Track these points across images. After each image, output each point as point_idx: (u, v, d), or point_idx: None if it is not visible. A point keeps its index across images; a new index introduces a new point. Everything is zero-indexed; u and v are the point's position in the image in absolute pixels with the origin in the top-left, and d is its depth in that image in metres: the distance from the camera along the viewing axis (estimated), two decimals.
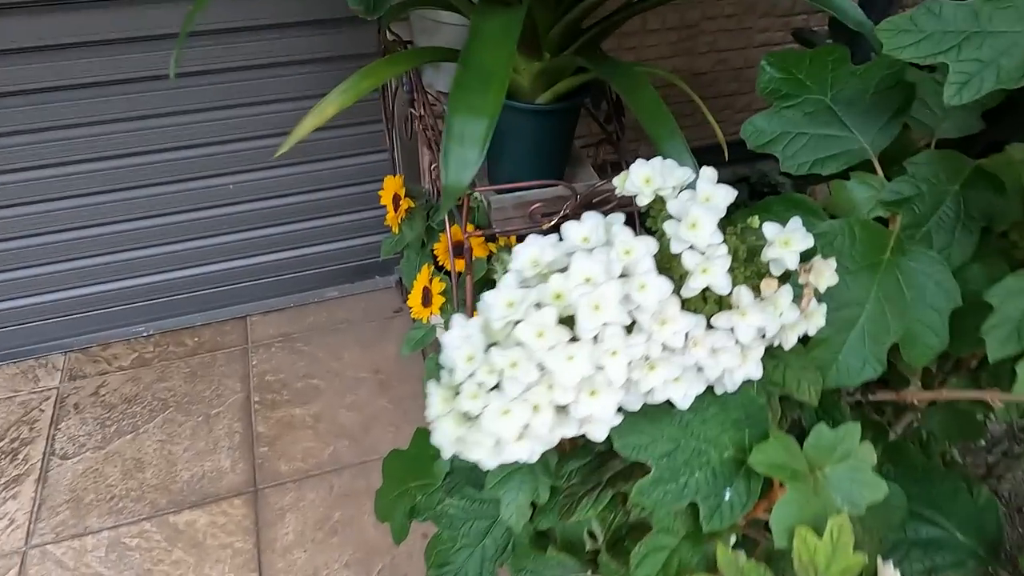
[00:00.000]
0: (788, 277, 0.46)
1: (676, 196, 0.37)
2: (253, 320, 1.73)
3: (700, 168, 0.50)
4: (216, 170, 1.52)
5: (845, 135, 0.57)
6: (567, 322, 0.34)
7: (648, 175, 0.38)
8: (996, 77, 0.43)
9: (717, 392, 0.42)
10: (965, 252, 0.54)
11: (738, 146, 0.64)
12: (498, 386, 0.33)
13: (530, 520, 0.68)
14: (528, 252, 0.34)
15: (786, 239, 0.37)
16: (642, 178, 0.39)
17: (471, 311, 0.92)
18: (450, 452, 0.35)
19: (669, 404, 0.40)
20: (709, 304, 0.38)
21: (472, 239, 0.94)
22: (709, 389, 0.42)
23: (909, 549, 0.56)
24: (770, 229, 0.38)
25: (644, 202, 0.39)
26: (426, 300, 1.11)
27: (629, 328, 0.34)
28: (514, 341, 0.33)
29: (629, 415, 0.43)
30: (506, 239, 1.05)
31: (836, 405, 0.61)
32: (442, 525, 0.69)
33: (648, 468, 0.44)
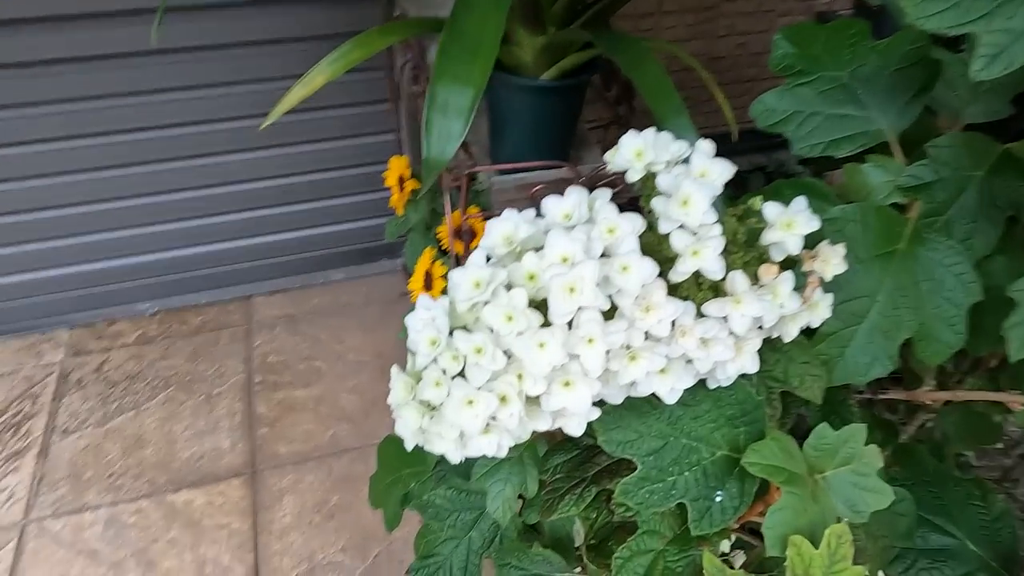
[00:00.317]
0: (793, 265, 0.43)
1: (669, 171, 0.34)
2: (257, 300, 1.72)
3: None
4: (222, 148, 1.50)
5: (862, 115, 0.53)
6: (542, 307, 0.31)
7: (640, 148, 0.35)
8: None
9: (710, 386, 0.39)
10: (988, 243, 0.50)
11: (755, 134, 0.60)
12: (462, 373, 0.30)
13: (518, 513, 0.65)
14: (501, 228, 0.31)
15: (788, 221, 0.34)
16: (633, 151, 0.35)
17: None
18: (412, 443, 0.32)
19: (657, 398, 0.37)
20: (703, 291, 0.35)
21: (473, 221, 0.91)
22: (701, 383, 0.39)
23: (916, 558, 0.52)
24: (771, 210, 0.34)
25: (635, 178, 0.36)
26: (428, 284, 1.08)
27: (610, 314, 0.31)
28: (482, 325, 0.30)
29: (613, 408, 0.40)
30: None
31: (844, 403, 0.58)
32: (428, 515, 0.66)
33: (635, 465, 0.41)
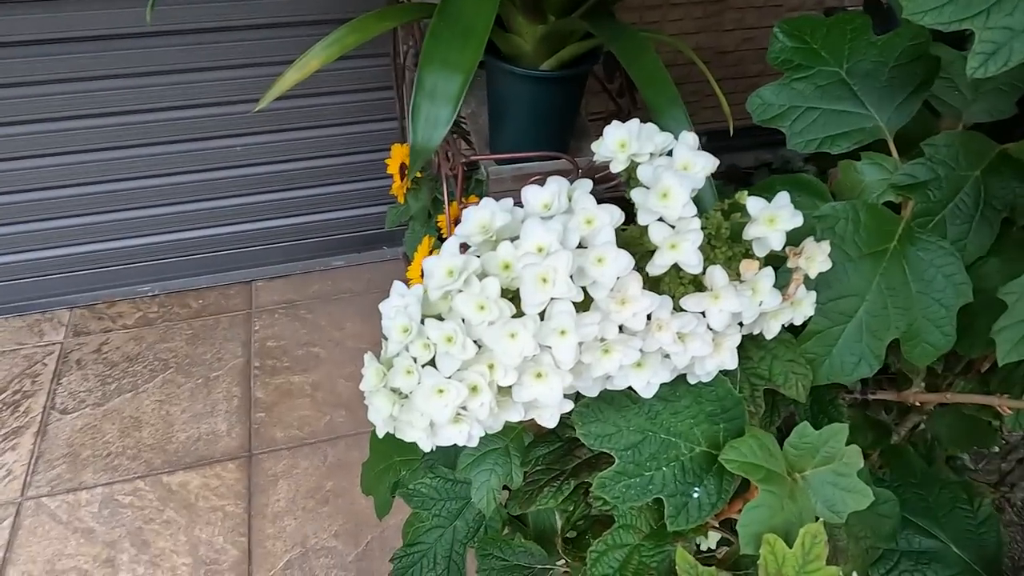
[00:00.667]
0: (779, 262, 0.42)
1: (651, 163, 0.34)
2: (258, 285, 1.72)
3: (702, 147, 0.46)
4: (225, 131, 1.50)
5: (859, 111, 0.53)
6: (516, 297, 0.30)
7: (623, 139, 0.35)
8: None
9: (691, 382, 0.39)
10: (982, 245, 0.49)
11: (761, 130, 0.59)
12: (433, 362, 0.30)
13: (503, 504, 0.65)
14: (478, 216, 0.31)
15: (771, 216, 0.33)
16: (616, 142, 0.35)
17: None
18: (384, 430, 0.32)
19: (636, 392, 0.37)
20: (684, 285, 0.35)
21: None
22: (682, 379, 0.39)
23: (899, 560, 0.52)
24: (754, 205, 0.34)
25: (618, 168, 0.35)
26: None
27: (586, 306, 0.31)
28: (455, 314, 0.30)
29: (593, 401, 0.40)
30: None
31: (832, 403, 0.57)
32: (414, 504, 0.66)
33: (614, 459, 0.41)
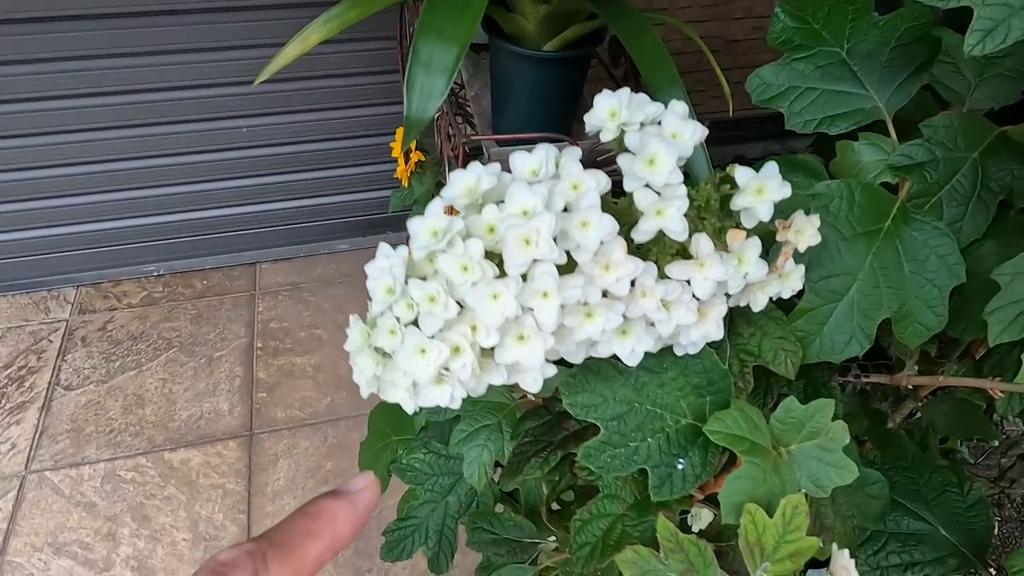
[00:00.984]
0: (773, 241, 0.42)
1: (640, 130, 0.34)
2: (263, 267, 1.73)
3: (707, 130, 0.46)
4: (231, 112, 1.50)
5: (859, 92, 0.52)
6: (501, 261, 0.30)
7: (614, 108, 0.35)
8: None
9: (677, 353, 0.39)
10: (978, 227, 0.49)
11: (767, 122, 0.59)
12: (416, 323, 0.30)
13: (495, 480, 0.65)
14: (463, 179, 0.31)
15: (759, 187, 0.33)
16: (607, 111, 0.35)
17: None
18: (367, 391, 0.32)
19: (624, 363, 0.37)
20: (671, 254, 0.35)
21: None
22: (669, 350, 0.39)
23: (887, 541, 0.52)
24: (742, 174, 0.34)
25: (608, 137, 0.35)
26: None
27: (570, 271, 0.31)
28: (439, 275, 0.30)
29: (579, 372, 0.40)
30: None
31: (825, 385, 0.57)
32: (407, 479, 0.67)
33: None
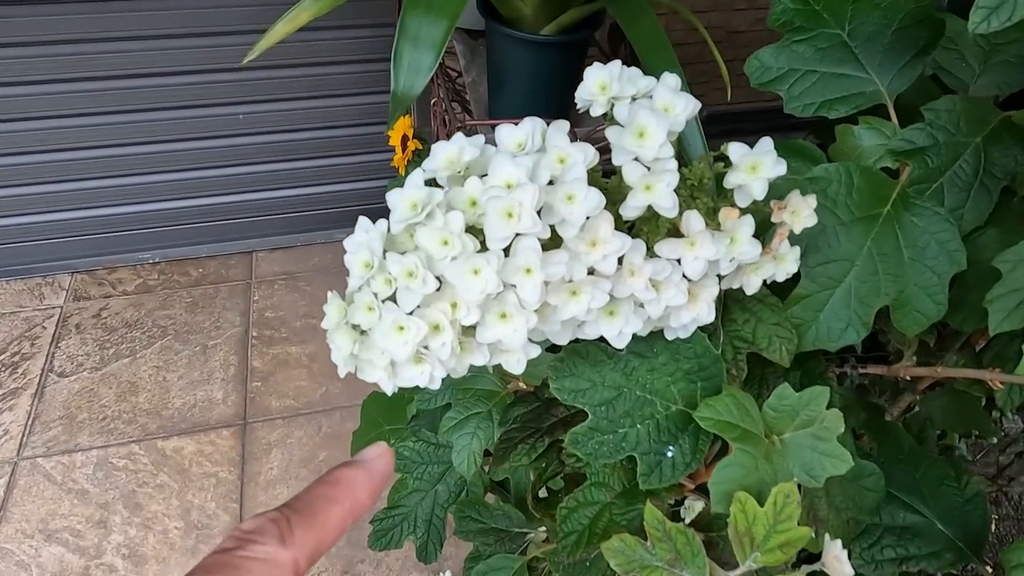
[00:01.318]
0: (768, 224, 0.41)
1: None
2: (259, 256, 1.71)
3: (700, 104, 0.45)
4: (227, 98, 1.49)
5: (859, 75, 0.51)
6: (483, 236, 0.29)
7: (604, 81, 0.33)
8: None
9: (668, 337, 0.38)
10: (980, 214, 0.48)
11: (771, 115, 0.58)
12: (394, 298, 0.29)
13: (485, 469, 0.64)
14: (445, 151, 0.30)
15: (753, 164, 0.32)
16: (597, 84, 0.34)
17: None
18: (345, 370, 0.31)
19: (613, 347, 0.36)
20: (662, 233, 0.33)
21: None
22: (660, 335, 0.38)
23: (883, 534, 0.51)
24: (736, 150, 0.33)
25: (598, 112, 0.34)
26: None
27: (555, 245, 0.30)
28: (419, 249, 0.29)
29: (568, 356, 0.39)
30: None
31: (821, 376, 0.56)
32: (396, 467, 0.66)
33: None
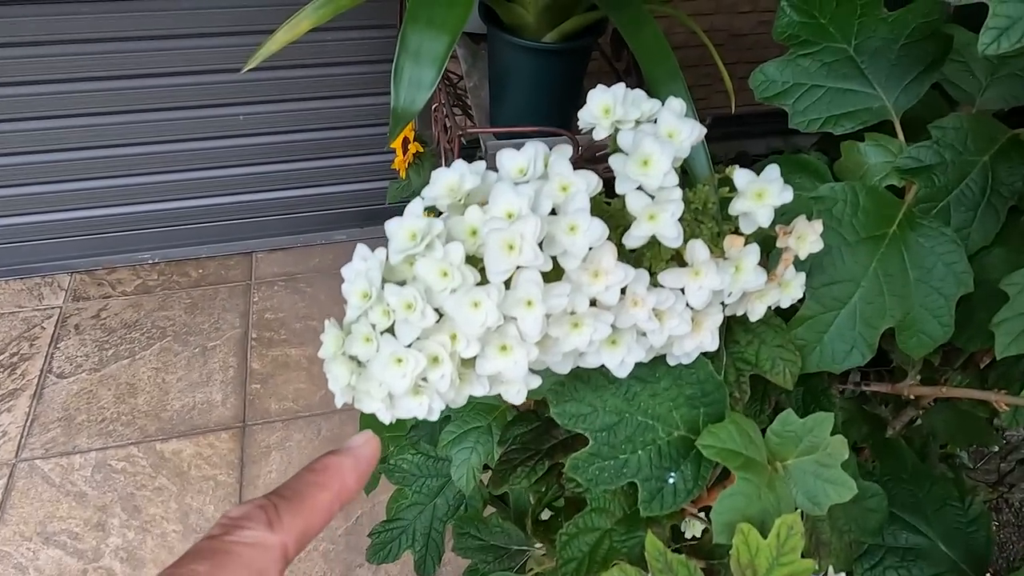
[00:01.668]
0: (772, 246, 0.40)
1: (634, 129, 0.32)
2: (259, 256, 1.71)
3: (706, 128, 0.44)
4: (228, 99, 1.48)
5: (866, 91, 0.50)
6: (483, 264, 0.29)
7: (608, 104, 0.33)
8: None
9: (671, 363, 0.37)
10: (987, 234, 0.47)
11: (772, 118, 0.57)
12: (392, 330, 0.28)
13: (484, 483, 0.64)
14: (446, 178, 0.29)
15: (759, 191, 0.32)
16: (600, 107, 0.33)
17: None
18: (342, 400, 0.30)
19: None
20: (665, 260, 0.33)
21: None
22: (662, 359, 0.37)
23: (885, 556, 0.50)
24: (742, 177, 0.32)
25: (601, 135, 0.34)
26: None
27: (558, 277, 0.29)
28: (418, 280, 0.28)
29: (568, 380, 0.38)
30: None
31: (824, 393, 0.56)
32: (395, 480, 0.65)
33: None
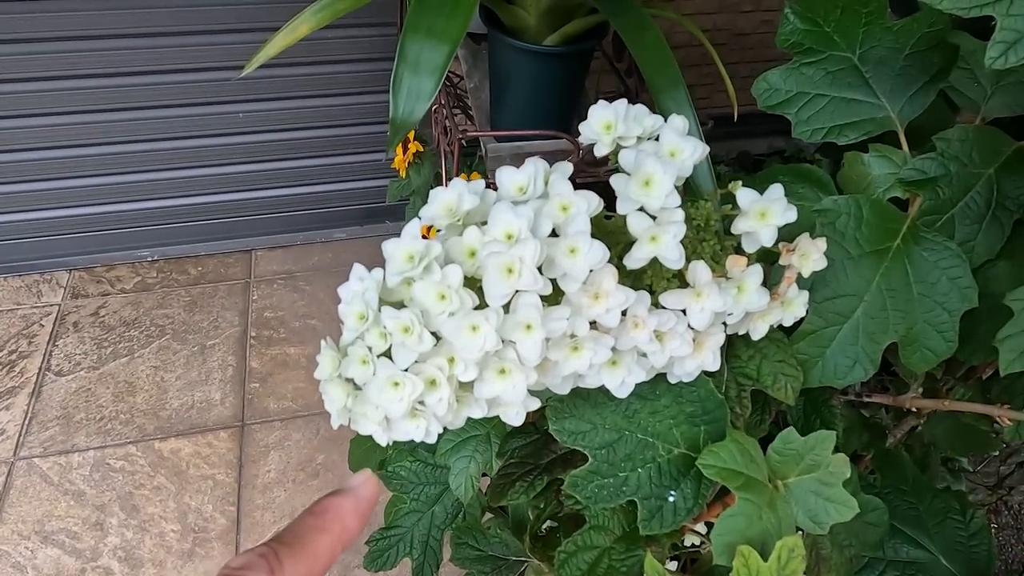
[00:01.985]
0: (775, 259, 0.40)
1: (636, 147, 0.31)
2: (258, 254, 1.70)
3: (707, 133, 0.44)
4: (228, 96, 1.48)
5: (870, 100, 0.50)
6: (481, 286, 0.28)
7: (609, 121, 0.32)
8: None
9: (671, 381, 0.37)
10: (991, 247, 0.47)
11: (774, 118, 0.56)
12: (389, 353, 0.28)
13: (483, 491, 0.64)
14: (444, 198, 0.28)
15: (763, 210, 0.31)
16: (601, 123, 0.32)
17: None
18: (338, 422, 0.30)
19: None
20: (667, 280, 0.32)
21: None
22: (662, 377, 0.37)
23: (885, 569, 0.50)
24: (745, 196, 0.31)
25: (602, 152, 0.33)
26: None
27: (557, 299, 0.29)
28: (415, 303, 0.28)
29: (568, 397, 0.38)
30: None
31: (825, 404, 0.55)
32: (392, 486, 0.65)
33: None
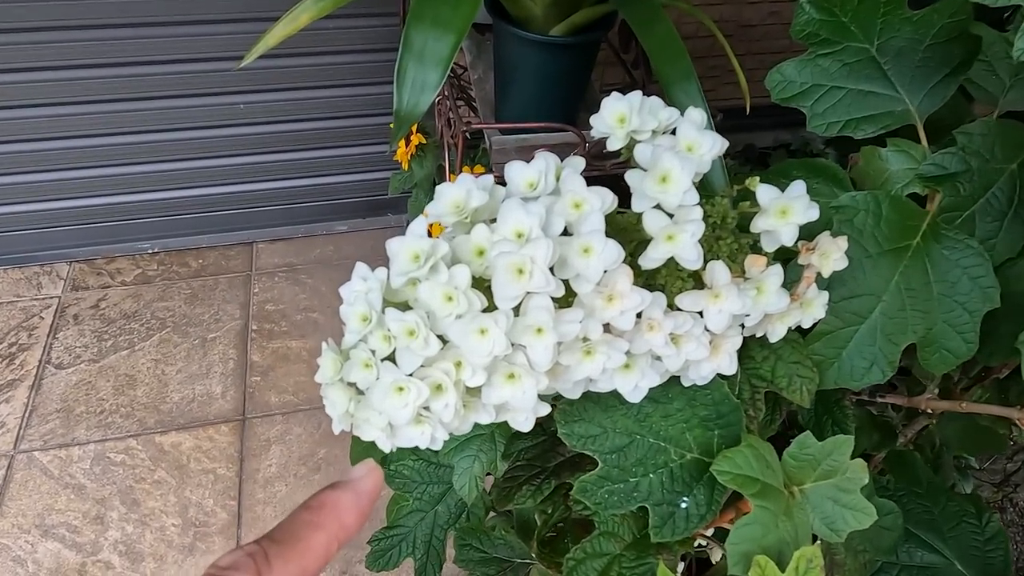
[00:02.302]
0: (792, 256, 0.39)
1: (652, 141, 0.30)
2: (259, 247, 1.69)
3: (717, 126, 0.43)
4: (228, 87, 1.46)
5: (888, 93, 0.48)
6: (489, 286, 0.27)
7: (623, 113, 0.31)
8: None
9: (685, 384, 0.35)
10: (1013, 245, 0.45)
11: (780, 110, 0.55)
12: (393, 357, 0.27)
13: (487, 491, 0.63)
14: (451, 194, 0.27)
15: (784, 208, 0.30)
16: (615, 116, 0.31)
17: None
18: (340, 427, 0.29)
19: None
20: (683, 280, 0.31)
21: None
22: (675, 379, 0.36)
23: (899, 573, 0.49)
24: (765, 193, 0.30)
25: (615, 146, 0.32)
26: None
27: (569, 300, 0.28)
28: (420, 305, 0.27)
29: (577, 399, 0.37)
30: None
31: (838, 404, 0.54)
32: (395, 485, 0.64)
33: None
